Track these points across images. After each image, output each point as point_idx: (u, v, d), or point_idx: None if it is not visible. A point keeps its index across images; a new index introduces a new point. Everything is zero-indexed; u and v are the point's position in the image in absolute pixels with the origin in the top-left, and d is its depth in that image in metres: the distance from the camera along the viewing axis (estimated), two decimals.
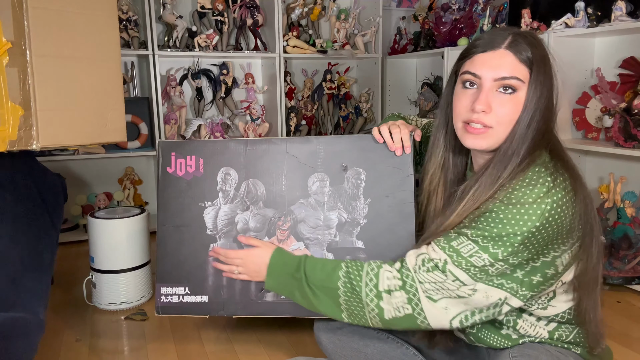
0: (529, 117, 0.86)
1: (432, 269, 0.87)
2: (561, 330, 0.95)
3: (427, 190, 1.03)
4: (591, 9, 1.87)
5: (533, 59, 0.86)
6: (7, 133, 1.18)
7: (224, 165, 1.21)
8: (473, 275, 0.85)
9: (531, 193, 0.82)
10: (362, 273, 0.93)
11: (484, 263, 0.84)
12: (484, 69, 0.87)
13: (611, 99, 1.92)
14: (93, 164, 2.56)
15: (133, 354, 1.37)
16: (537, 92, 0.86)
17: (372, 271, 0.92)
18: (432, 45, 2.64)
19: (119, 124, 1.42)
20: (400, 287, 0.89)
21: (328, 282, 0.96)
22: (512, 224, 0.82)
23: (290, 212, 1.18)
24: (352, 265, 0.95)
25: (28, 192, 1.39)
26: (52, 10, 1.24)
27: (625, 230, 1.84)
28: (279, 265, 1.04)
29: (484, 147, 0.90)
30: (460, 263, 0.85)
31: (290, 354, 1.34)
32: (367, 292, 0.91)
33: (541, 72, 0.86)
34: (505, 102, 0.87)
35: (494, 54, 0.87)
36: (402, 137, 1.12)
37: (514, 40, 0.87)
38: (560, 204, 0.82)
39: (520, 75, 0.86)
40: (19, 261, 1.27)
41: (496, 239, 0.83)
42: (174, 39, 2.48)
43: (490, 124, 0.88)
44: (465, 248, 0.85)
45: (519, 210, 0.82)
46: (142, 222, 1.65)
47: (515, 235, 0.82)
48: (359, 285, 0.92)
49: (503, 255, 0.83)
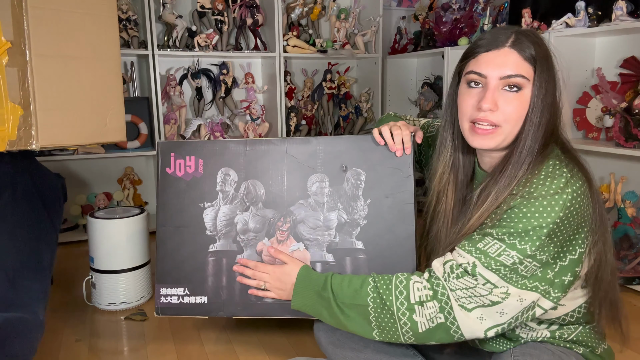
0: (539, 114, 0.87)
1: (462, 274, 0.86)
2: (562, 330, 0.95)
3: (437, 191, 1.02)
4: (592, 8, 1.87)
5: (537, 57, 0.87)
6: (6, 133, 1.18)
7: (224, 165, 1.21)
8: (504, 276, 0.84)
9: (551, 185, 0.83)
10: (392, 286, 0.91)
11: (513, 261, 0.84)
12: (489, 68, 0.88)
13: (612, 99, 1.91)
14: (93, 164, 2.56)
15: (133, 354, 1.37)
16: (542, 89, 0.87)
17: (401, 284, 0.90)
18: (433, 44, 2.64)
19: (118, 124, 1.42)
20: (432, 297, 0.87)
21: (357, 299, 0.93)
22: (536, 217, 0.82)
23: (289, 212, 1.18)
24: (380, 280, 0.93)
25: (28, 192, 1.39)
26: (52, 10, 1.24)
27: (625, 230, 1.84)
28: (306, 284, 1.02)
29: (491, 146, 0.90)
30: (490, 264, 0.85)
31: (290, 354, 1.34)
32: (398, 306, 0.89)
33: (545, 70, 0.87)
34: (511, 99, 0.87)
35: (498, 53, 0.87)
36: (403, 138, 1.11)
37: (517, 38, 0.87)
38: (579, 192, 0.83)
39: (525, 73, 0.87)
40: (19, 261, 1.27)
41: (522, 234, 0.83)
42: (173, 39, 2.48)
43: (498, 122, 0.88)
44: (492, 248, 0.85)
45: (542, 203, 0.82)
46: (141, 222, 1.65)
47: (542, 227, 0.82)
48: (389, 299, 0.90)
49: (531, 250, 0.83)
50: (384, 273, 1.09)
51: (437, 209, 1.03)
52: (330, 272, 1.01)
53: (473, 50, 0.91)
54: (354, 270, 1.14)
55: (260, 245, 1.18)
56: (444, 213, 1.01)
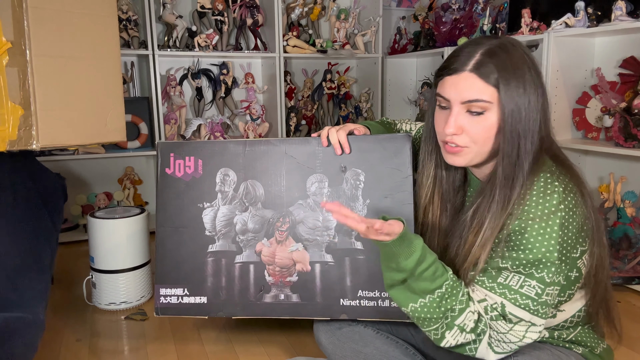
0: (511, 132, 0.85)
1: (497, 317, 0.86)
2: (562, 330, 0.95)
3: (423, 204, 1.03)
4: (591, 8, 1.87)
5: (499, 79, 0.84)
6: (7, 133, 1.19)
7: (223, 166, 1.21)
8: (534, 311, 0.85)
9: (544, 203, 0.83)
10: (453, 304, 0.87)
11: (536, 291, 0.84)
12: (451, 92, 0.88)
13: (611, 99, 1.91)
14: (93, 164, 2.56)
15: (133, 354, 1.37)
16: (511, 106, 0.85)
17: (460, 305, 0.87)
18: (432, 45, 2.64)
19: (118, 124, 1.42)
20: (472, 330, 0.87)
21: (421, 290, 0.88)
22: (539, 241, 0.83)
23: (289, 213, 1.18)
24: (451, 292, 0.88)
25: (28, 192, 1.39)
26: (52, 10, 1.24)
27: (625, 230, 1.84)
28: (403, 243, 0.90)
29: (462, 164, 0.92)
30: (516, 299, 0.85)
31: (290, 354, 1.35)
32: (443, 318, 0.88)
33: (511, 89, 0.84)
34: (475, 123, 0.87)
35: (459, 77, 0.87)
36: (339, 139, 1.12)
37: (479, 60, 0.85)
38: (573, 204, 0.84)
39: (486, 97, 0.85)
40: (19, 261, 1.27)
41: (536, 263, 0.84)
42: (174, 39, 2.48)
43: (464, 144, 0.89)
44: (512, 280, 0.85)
45: (540, 225, 0.83)
46: (142, 222, 1.65)
47: (552, 252, 0.83)
48: (442, 311, 0.87)
49: (549, 277, 0.84)
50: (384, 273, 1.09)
51: (425, 221, 1.04)
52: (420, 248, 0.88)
53: (440, 72, 0.90)
54: (353, 271, 1.14)
55: (259, 246, 1.19)
56: (431, 224, 1.02)
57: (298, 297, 1.18)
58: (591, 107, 2.02)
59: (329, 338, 1.12)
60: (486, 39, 0.89)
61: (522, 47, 0.89)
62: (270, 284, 1.19)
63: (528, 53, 0.88)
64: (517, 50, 0.87)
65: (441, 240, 1.01)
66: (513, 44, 0.88)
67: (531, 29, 2.05)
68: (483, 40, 0.88)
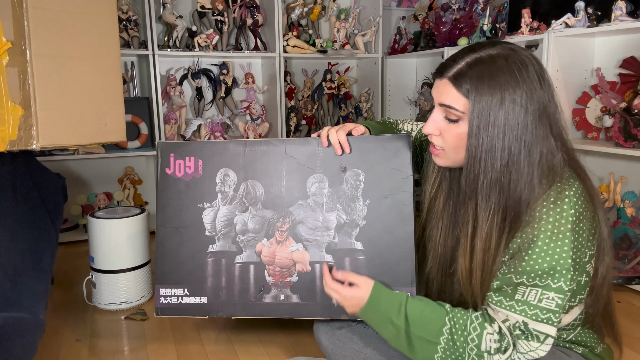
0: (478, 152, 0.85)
1: (520, 336, 0.86)
2: (562, 330, 0.95)
3: (428, 198, 1.05)
4: (591, 8, 1.87)
5: (470, 91, 0.84)
6: (7, 133, 1.19)
7: (223, 166, 1.21)
8: (557, 323, 0.84)
9: (555, 209, 0.83)
10: (466, 333, 0.88)
11: (556, 302, 0.83)
12: (434, 94, 0.91)
13: (611, 99, 1.91)
14: (93, 164, 2.56)
15: (133, 354, 1.37)
16: (476, 124, 0.84)
17: (475, 331, 0.87)
18: (432, 45, 2.64)
19: (118, 124, 1.42)
20: (497, 350, 0.86)
21: (429, 335, 0.90)
22: (552, 248, 0.82)
23: (289, 213, 1.18)
24: (456, 322, 0.89)
25: (28, 192, 1.40)
26: (52, 10, 1.24)
27: (625, 230, 1.84)
28: (377, 307, 0.97)
29: (441, 164, 0.95)
30: (537, 315, 0.84)
31: (290, 354, 1.35)
32: (469, 352, 0.87)
33: (482, 103, 0.83)
34: (449, 129, 0.89)
35: (440, 82, 0.89)
36: (340, 139, 1.13)
37: (460, 69, 0.86)
38: (582, 210, 0.83)
39: (458, 107, 0.86)
40: (19, 261, 1.27)
41: (551, 273, 0.83)
42: (174, 39, 2.48)
43: (440, 146, 0.92)
44: (530, 296, 0.84)
45: (553, 232, 0.82)
46: (142, 222, 1.65)
47: (565, 260, 0.82)
48: (463, 346, 0.87)
49: (566, 285, 0.83)
50: (384, 274, 1.09)
51: (430, 213, 1.05)
52: (405, 296, 0.95)
53: (435, 70, 0.92)
54: (353, 271, 1.14)
55: (259, 246, 1.19)
56: (436, 215, 1.03)
57: (298, 298, 1.18)
58: (591, 107, 2.02)
59: (329, 338, 1.12)
60: (485, 47, 0.87)
61: (521, 60, 0.84)
62: (271, 284, 1.19)
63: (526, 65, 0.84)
64: (510, 63, 0.84)
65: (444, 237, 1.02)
66: (507, 56, 0.84)
67: (531, 29, 2.05)
68: (481, 47, 0.87)
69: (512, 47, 0.87)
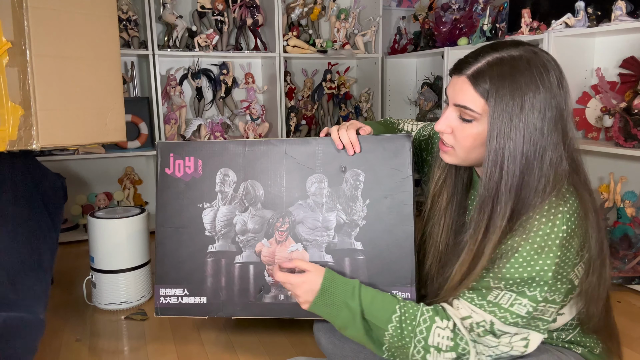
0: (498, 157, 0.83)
1: (484, 333, 0.85)
2: (561, 331, 0.95)
3: (432, 194, 1.04)
4: (591, 8, 1.87)
5: (490, 92, 0.82)
6: (7, 133, 1.19)
7: (223, 166, 1.21)
8: (524, 325, 0.84)
9: (547, 223, 0.81)
10: (415, 324, 0.88)
11: (527, 310, 0.83)
12: (450, 92, 0.88)
13: (611, 99, 1.91)
14: (93, 164, 2.56)
15: (133, 354, 1.38)
16: (496, 127, 0.82)
17: (425, 323, 0.88)
18: (432, 45, 2.64)
19: (118, 124, 1.43)
20: (452, 349, 0.86)
21: (379, 322, 0.90)
22: (535, 260, 0.81)
23: (288, 213, 1.18)
24: (406, 312, 0.90)
25: (28, 192, 1.40)
26: (52, 10, 1.24)
27: (625, 230, 1.84)
28: (332, 290, 0.96)
29: (451, 162, 0.93)
30: (506, 318, 0.83)
31: (290, 354, 1.35)
32: (415, 343, 0.88)
33: (502, 106, 0.81)
34: (462, 128, 0.87)
35: (457, 79, 0.86)
36: (350, 138, 1.11)
37: (480, 68, 0.83)
38: (574, 227, 0.82)
39: (475, 107, 0.84)
40: (19, 261, 1.27)
41: (529, 281, 0.82)
42: (174, 39, 2.48)
43: (451, 144, 0.90)
44: (503, 299, 0.84)
45: (540, 245, 0.81)
46: (142, 222, 1.65)
47: (545, 272, 0.81)
48: (409, 336, 0.88)
49: (542, 295, 0.82)
50: (383, 274, 1.09)
51: (432, 210, 1.04)
52: (357, 282, 0.96)
53: (452, 67, 0.89)
54: (352, 271, 1.14)
55: (259, 246, 1.19)
56: (438, 213, 1.03)
57: None
58: (591, 107, 2.02)
59: (329, 338, 1.12)
60: (508, 47, 0.84)
61: (543, 64, 0.83)
62: (270, 284, 1.19)
63: (548, 70, 0.83)
64: (532, 66, 0.82)
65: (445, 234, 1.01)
66: (529, 58, 0.82)
67: (531, 29, 2.05)
68: (503, 46, 0.85)
69: (535, 49, 0.85)
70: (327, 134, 1.15)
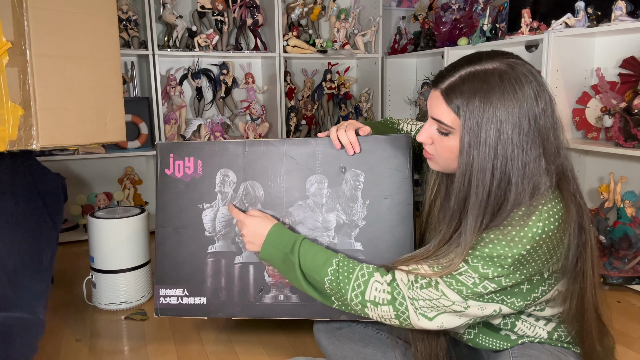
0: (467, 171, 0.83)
1: (426, 285, 0.86)
2: (560, 330, 0.95)
3: (429, 198, 1.04)
4: (591, 8, 1.87)
5: (461, 108, 0.81)
6: (7, 133, 1.19)
7: (223, 166, 1.21)
8: (465, 296, 0.84)
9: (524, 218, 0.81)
10: (352, 277, 0.92)
11: (473, 281, 0.83)
12: (428, 105, 0.90)
13: (611, 99, 1.91)
14: (93, 164, 2.56)
15: (133, 354, 1.38)
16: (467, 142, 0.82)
17: (362, 277, 0.91)
18: (432, 45, 2.64)
19: (118, 124, 1.43)
20: (389, 302, 0.88)
21: (316, 273, 0.95)
22: (502, 245, 0.81)
23: (288, 213, 1.18)
24: (343, 266, 0.94)
25: (28, 192, 1.40)
26: (52, 10, 1.24)
27: (625, 230, 1.84)
28: (275, 242, 1.03)
29: (434, 168, 0.96)
30: (451, 283, 0.84)
31: (290, 354, 1.35)
32: (352, 297, 0.91)
33: (473, 121, 0.81)
34: (440, 140, 0.89)
35: (433, 93, 0.88)
36: (349, 138, 1.12)
37: (452, 83, 0.83)
38: (551, 228, 0.81)
39: (447, 122, 0.84)
40: (19, 261, 1.27)
41: (486, 259, 0.82)
42: (174, 39, 2.48)
43: (432, 153, 0.93)
44: (454, 265, 0.84)
45: (511, 233, 0.81)
46: (142, 222, 1.65)
47: (506, 257, 0.81)
48: (345, 288, 0.92)
49: (493, 275, 0.83)
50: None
51: (429, 217, 1.05)
52: (301, 236, 1.02)
53: (433, 78, 0.90)
54: None
55: None
56: (434, 219, 1.03)
57: (298, 298, 1.18)
58: (591, 107, 2.02)
59: (329, 338, 1.12)
60: (483, 59, 0.83)
61: (517, 77, 0.81)
62: (270, 284, 1.19)
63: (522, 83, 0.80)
64: (505, 80, 0.80)
65: None
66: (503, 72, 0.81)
67: (531, 29, 2.05)
68: (478, 59, 0.84)
69: (511, 62, 0.82)
70: (328, 135, 1.15)
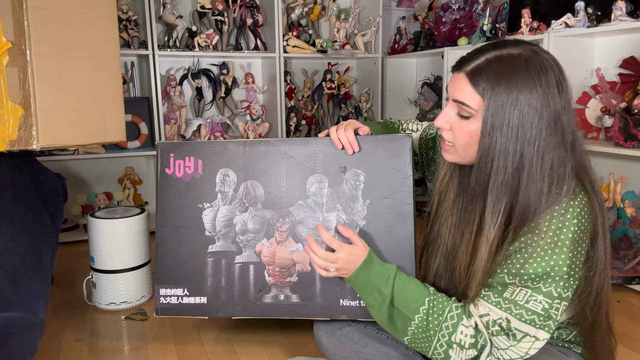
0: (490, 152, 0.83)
1: (498, 332, 0.86)
2: (561, 330, 0.95)
3: (438, 191, 1.04)
4: (591, 8, 1.87)
5: (486, 90, 0.82)
6: (7, 133, 1.19)
7: (223, 166, 1.21)
8: (540, 326, 0.84)
9: (559, 217, 0.82)
10: (442, 319, 0.90)
11: (543, 306, 0.83)
12: (450, 88, 0.89)
13: (611, 99, 1.91)
14: (93, 164, 2.56)
15: (133, 354, 1.38)
16: (489, 124, 0.83)
17: (452, 320, 0.89)
18: (432, 45, 2.64)
19: (118, 124, 1.43)
20: (472, 346, 0.87)
21: (407, 311, 0.92)
22: (549, 255, 0.82)
23: (288, 213, 1.18)
24: (435, 305, 0.91)
25: (28, 192, 1.40)
26: (52, 10, 1.24)
27: (625, 230, 1.84)
28: (368, 271, 0.98)
29: (449, 160, 0.95)
30: (522, 315, 0.84)
31: (290, 354, 1.35)
32: (439, 337, 0.89)
33: (497, 103, 0.82)
34: (460, 124, 0.88)
35: (457, 76, 0.87)
36: (348, 138, 1.12)
37: (478, 65, 0.84)
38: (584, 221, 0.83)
39: (472, 104, 0.84)
40: (19, 261, 1.27)
41: (544, 277, 0.83)
42: (174, 39, 2.48)
43: (450, 141, 0.91)
44: (519, 295, 0.84)
45: (553, 239, 0.82)
46: (142, 222, 1.65)
47: (560, 268, 0.82)
48: (434, 329, 0.89)
49: (557, 291, 0.83)
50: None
51: (439, 209, 1.04)
52: (394, 268, 0.98)
53: (455, 63, 0.90)
54: None
55: (259, 246, 1.19)
56: (445, 211, 1.02)
57: (298, 298, 1.18)
58: (591, 107, 2.02)
59: (329, 338, 1.12)
60: (508, 45, 0.85)
61: (541, 63, 0.82)
62: (270, 284, 1.19)
63: (546, 70, 0.82)
64: (530, 65, 0.82)
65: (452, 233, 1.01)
66: (528, 57, 0.82)
67: (531, 29, 2.05)
68: (503, 45, 0.85)
69: (536, 49, 0.84)
70: (327, 135, 1.15)
